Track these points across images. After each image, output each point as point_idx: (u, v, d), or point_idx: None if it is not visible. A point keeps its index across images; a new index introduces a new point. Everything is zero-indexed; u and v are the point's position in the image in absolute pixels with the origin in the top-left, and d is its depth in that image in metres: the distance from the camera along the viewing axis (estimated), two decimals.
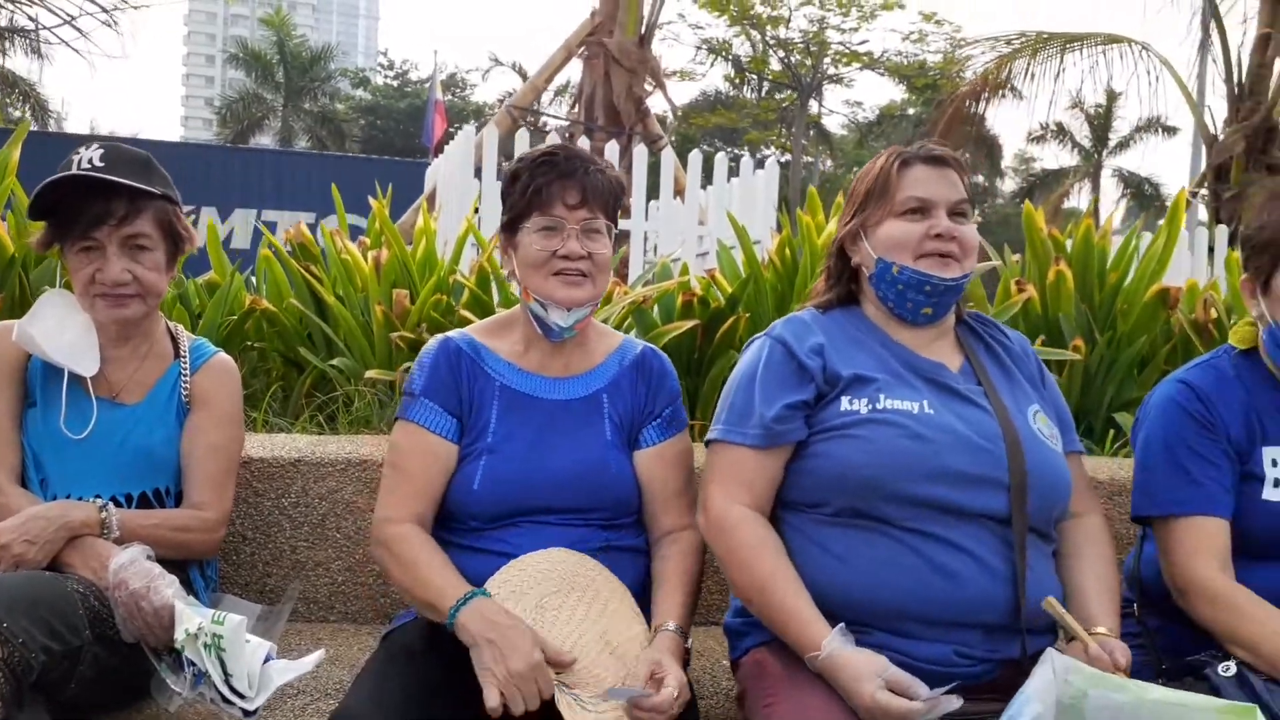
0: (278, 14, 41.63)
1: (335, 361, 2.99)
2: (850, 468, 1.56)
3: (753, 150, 32.28)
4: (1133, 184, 33.92)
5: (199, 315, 3.09)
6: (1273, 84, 9.47)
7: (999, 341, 1.77)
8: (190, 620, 1.53)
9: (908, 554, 1.52)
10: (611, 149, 6.32)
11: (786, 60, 31.54)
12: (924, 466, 1.53)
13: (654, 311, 2.95)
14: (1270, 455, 1.69)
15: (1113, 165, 34.53)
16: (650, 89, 9.64)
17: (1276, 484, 1.68)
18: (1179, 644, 1.70)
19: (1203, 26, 10.08)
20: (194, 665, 1.53)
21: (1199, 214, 10.21)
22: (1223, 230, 6.55)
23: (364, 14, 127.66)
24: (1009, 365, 1.74)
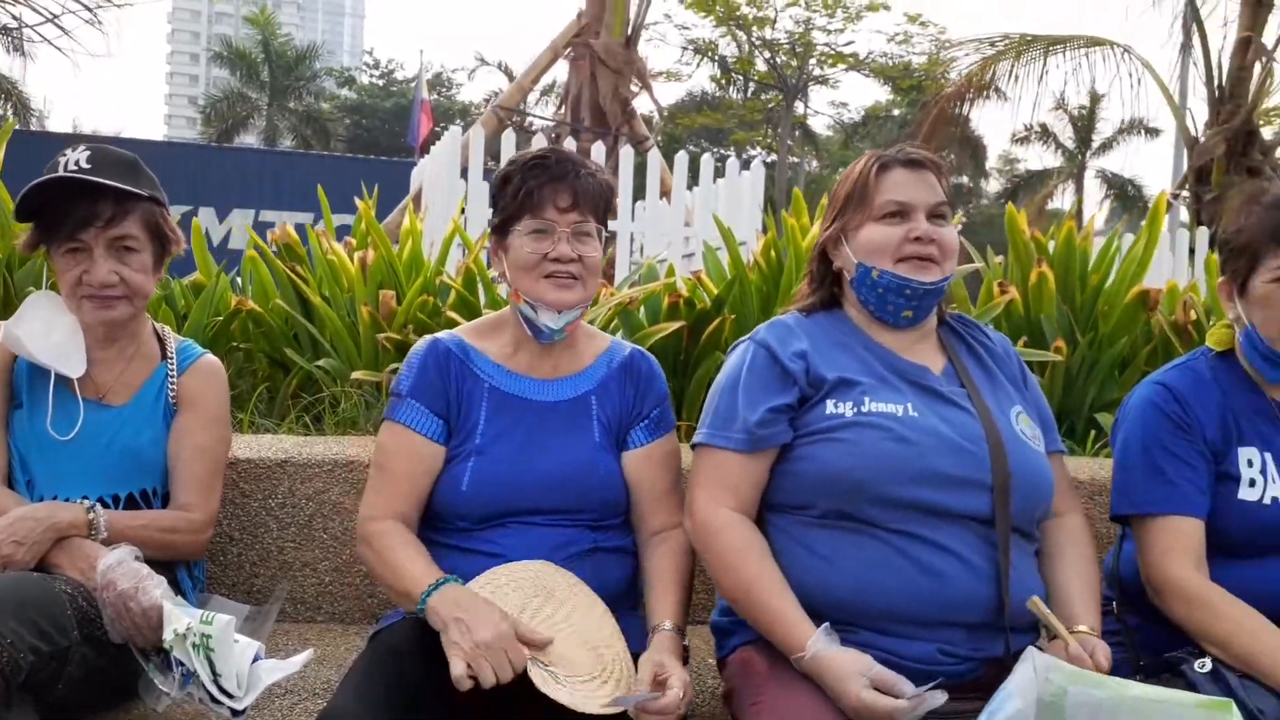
0: (262, 12, 41.41)
1: (321, 362, 2.99)
2: (836, 471, 1.57)
3: (738, 151, 32.37)
4: (1116, 185, 34.14)
5: (185, 316, 3.08)
6: (1253, 87, 9.57)
7: (981, 343, 1.79)
8: (179, 620, 1.53)
9: (894, 555, 1.54)
10: (598, 150, 6.33)
11: (772, 61, 31.60)
12: (909, 469, 1.55)
13: (640, 313, 2.97)
14: (1245, 456, 1.72)
15: (1096, 166, 34.79)
16: (636, 90, 9.66)
17: (1252, 484, 1.71)
18: (1157, 642, 1.72)
19: (1184, 30, 10.16)
20: (182, 665, 1.53)
21: (1181, 215, 10.29)
22: (1203, 232, 6.60)
23: (349, 12, 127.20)
24: (991, 366, 1.76)
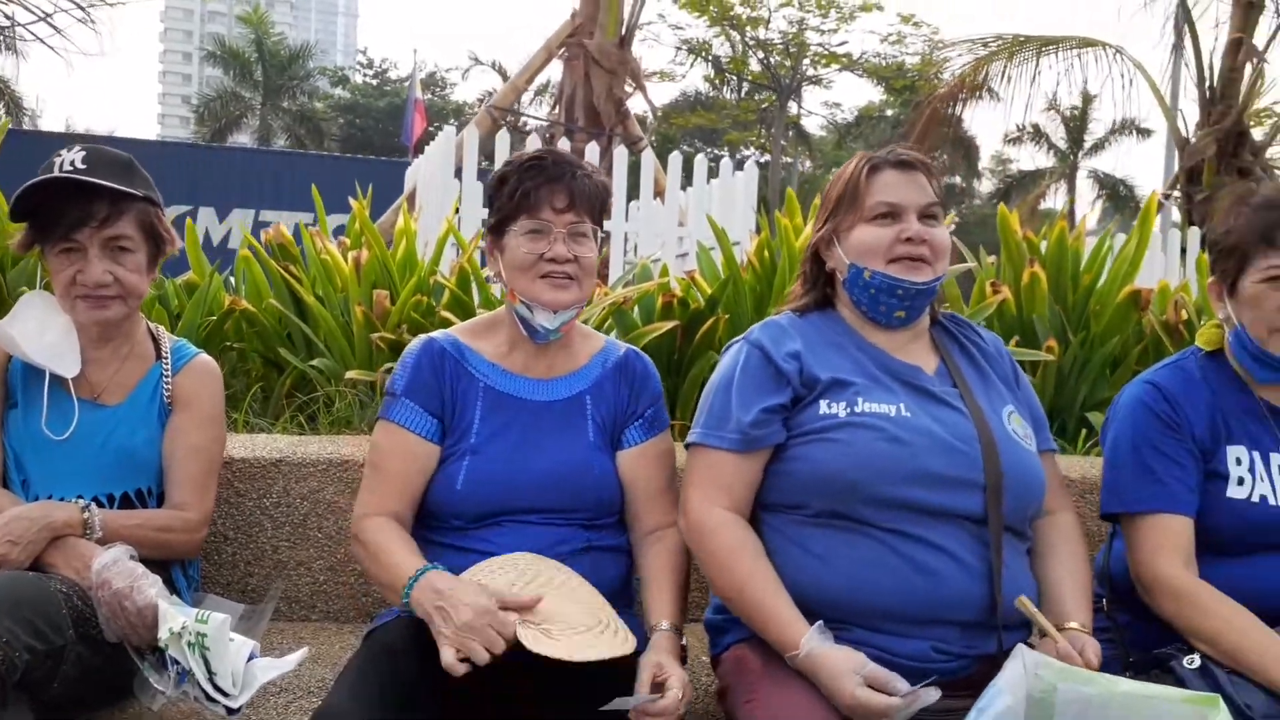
0: (256, 11, 41.33)
1: (315, 362, 2.99)
2: (829, 471, 1.58)
3: (732, 151, 32.40)
4: (1108, 185, 34.22)
5: (178, 316, 3.08)
6: (1243, 88, 9.60)
7: (974, 342, 1.80)
8: (174, 619, 1.54)
9: (888, 554, 1.55)
10: (592, 150, 6.33)
11: (766, 61, 31.65)
12: (902, 469, 1.56)
13: (634, 312, 2.98)
14: (1234, 454, 1.74)
15: (1088, 166, 34.85)
16: (630, 90, 9.66)
17: (1240, 482, 1.72)
18: (1147, 638, 1.74)
19: (1175, 31, 10.20)
20: (178, 664, 1.54)
21: (1173, 216, 10.33)
22: (1195, 232, 6.64)
23: (343, 12, 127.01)
24: (984, 366, 1.77)
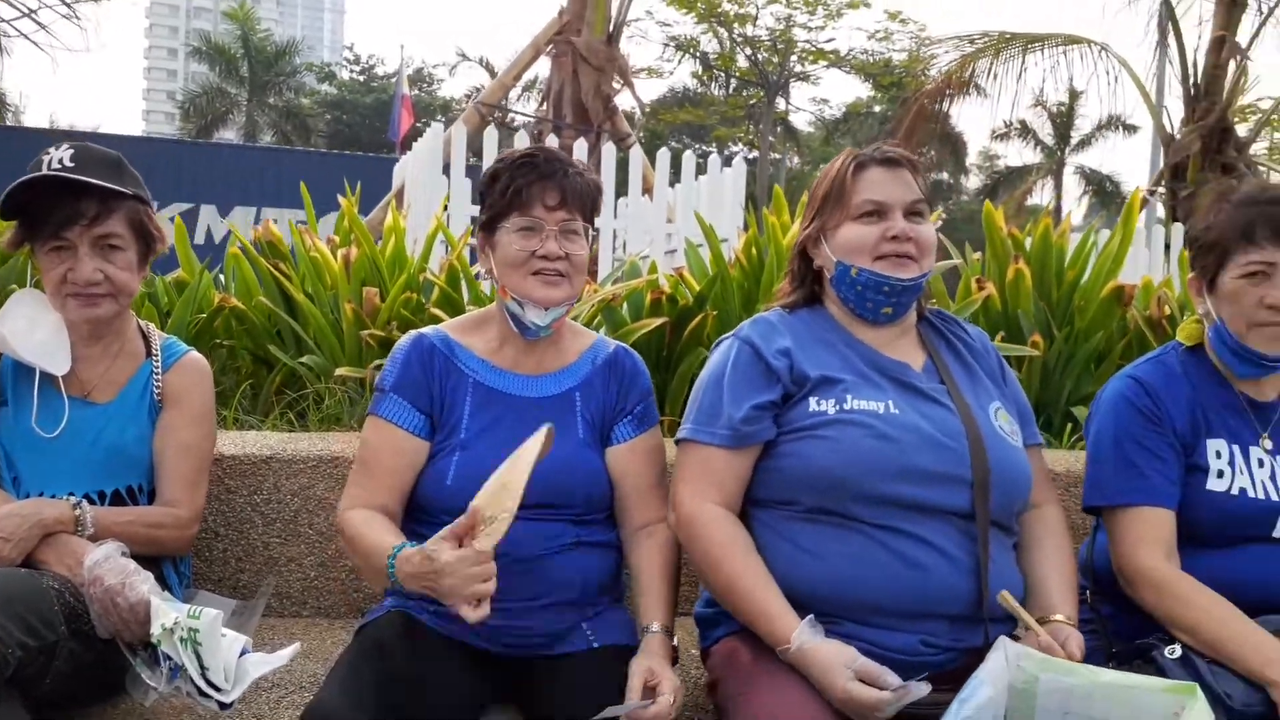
0: (241, 7, 41.04)
1: (305, 359, 2.99)
2: (819, 468, 1.60)
3: (720, 147, 32.37)
4: (1094, 181, 34.39)
5: (168, 313, 3.08)
6: (1227, 85, 9.67)
7: (960, 338, 1.82)
8: (166, 615, 1.54)
9: (877, 549, 1.57)
10: (580, 146, 6.33)
11: (754, 58, 31.67)
12: (891, 466, 1.58)
13: (623, 309, 2.99)
14: (1214, 448, 1.76)
15: (1075, 162, 35.02)
16: (618, 86, 9.65)
17: (1220, 475, 1.74)
18: (1129, 629, 1.76)
19: (1159, 28, 10.25)
20: (170, 659, 1.54)
21: (1158, 212, 10.40)
22: (1179, 228, 6.69)
23: (329, 8, 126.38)
24: (970, 362, 1.79)
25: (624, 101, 10.52)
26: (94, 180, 1.81)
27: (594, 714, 1.48)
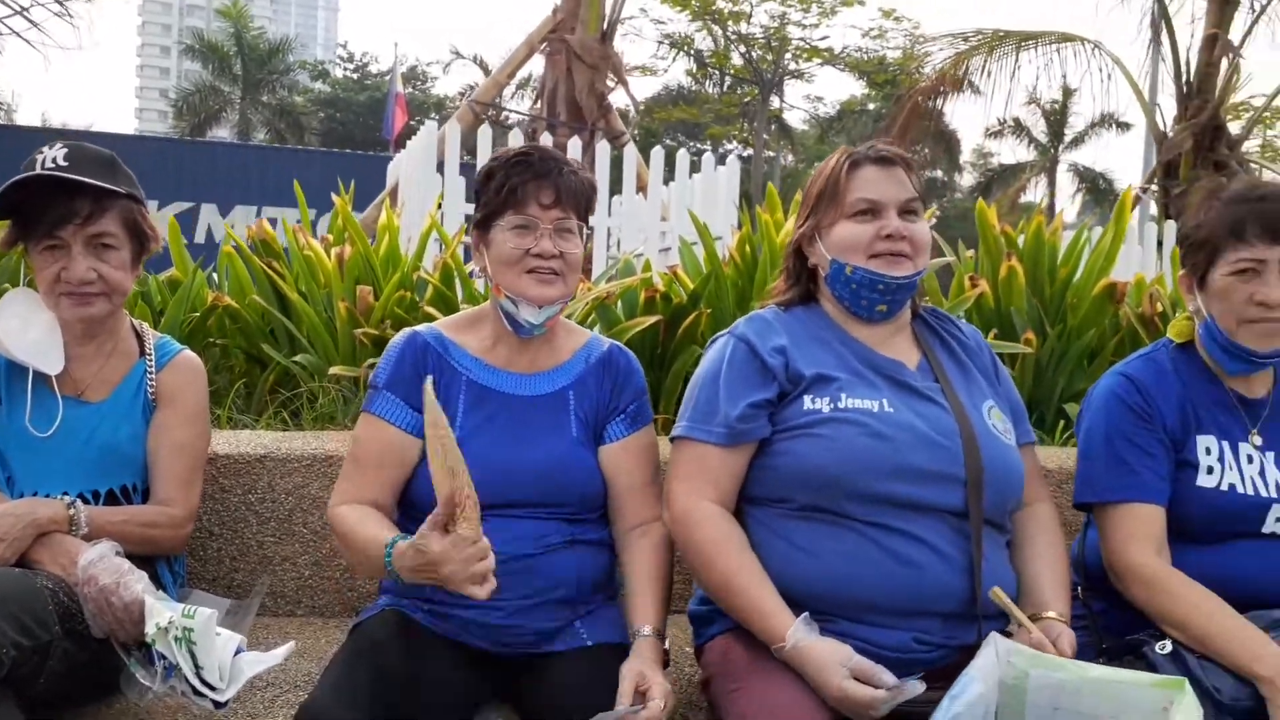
0: (235, 5, 40.93)
1: (298, 358, 2.99)
2: (814, 466, 1.60)
3: (714, 145, 32.41)
4: (1088, 179, 34.46)
5: (161, 312, 3.08)
6: (1219, 83, 9.70)
7: (954, 336, 1.83)
8: (161, 614, 1.54)
9: (871, 547, 1.57)
10: (574, 144, 6.34)
11: (748, 55, 31.68)
12: (885, 464, 1.58)
13: (617, 307, 2.99)
14: (1204, 444, 1.77)
15: (1068, 160, 35.07)
16: (612, 85, 9.66)
17: (1210, 471, 1.75)
18: (1120, 625, 1.77)
19: (1152, 27, 10.28)
20: (164, 659, 1.54)
21: (1150, 209, 10.43)
22: (1171, 225, 6.70)
23: (323, 5, 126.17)
24: (964, 360, 1.79)
25: (618, 99, 10.53)
26: (88, 179, 1.80)
27: (588, 713, 1.49)
